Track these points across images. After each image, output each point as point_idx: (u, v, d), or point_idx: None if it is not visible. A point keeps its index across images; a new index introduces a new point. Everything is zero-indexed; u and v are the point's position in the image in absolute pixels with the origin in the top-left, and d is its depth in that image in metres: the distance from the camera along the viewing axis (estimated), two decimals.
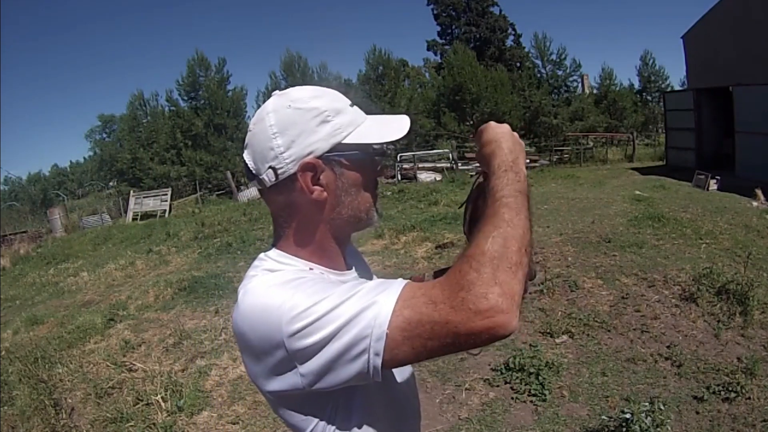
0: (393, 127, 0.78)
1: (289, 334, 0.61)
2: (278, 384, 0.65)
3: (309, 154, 0.72)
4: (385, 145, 0.78)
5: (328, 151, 0.73)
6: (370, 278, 0.92)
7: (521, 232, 0.62)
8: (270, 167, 0.72)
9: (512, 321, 0.56)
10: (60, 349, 4.48)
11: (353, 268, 0.84)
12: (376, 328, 0.58)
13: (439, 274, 0.94)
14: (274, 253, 0.77)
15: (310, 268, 0.75)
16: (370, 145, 0.76)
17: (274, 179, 0.73)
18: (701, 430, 2.73)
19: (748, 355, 3.31)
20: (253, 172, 0.75)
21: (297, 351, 0.61)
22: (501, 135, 0.76)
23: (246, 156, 0.76)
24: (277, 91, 0.77)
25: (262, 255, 0.78)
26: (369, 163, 0.78)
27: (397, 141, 0.81)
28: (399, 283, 0.63)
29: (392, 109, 21.63)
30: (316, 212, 0.75)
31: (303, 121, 0.72)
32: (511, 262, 0.58)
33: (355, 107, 0.79)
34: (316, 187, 0.73)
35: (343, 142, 0.73)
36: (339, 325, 0.59)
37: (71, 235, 15.05)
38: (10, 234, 16.46)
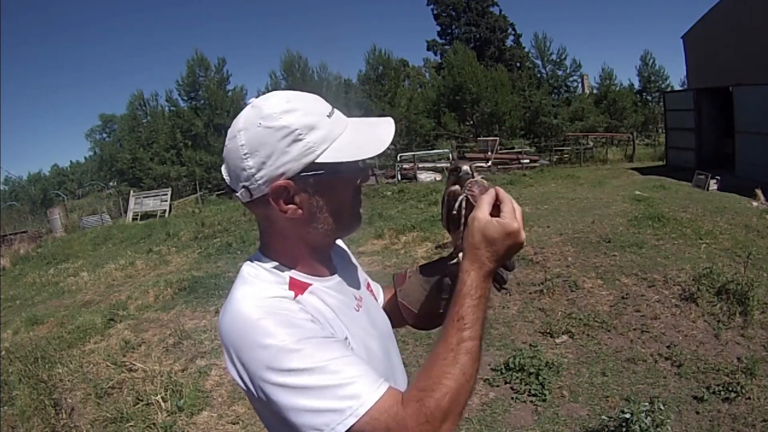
0: (372, 139, 0.74)
1: (268, 381, 0.63)
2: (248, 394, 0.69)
3: (281, 176, 0.70)
4: (361, 162, 0.75)
5: (300, 172, 0.71)
6: (358, 276, 0.93)
7: (473, 382, 0.67)
8: (243, 187, 0.72)
9: None
10: (60, 349, 4.48)
11: (337, 272, 0.84)
12: (334, 430, 0.61)
13: (424, 268, 0.95)
14: (259, 258, 0.78)
15: (291, 278, 0.75)
16: (346, 162, 0.72)
17: (248, 198, 0.73)
18: (701, 430, 2.73)
19: (748, 355, 3.31)
20: (230, 186, 0.75)
21: (267, 394, 0.64)
22: (491, 239, 0.71)
23: (223, 170, 0.76)
24: (252, 100, 0.74)
25: (248, 261, 0.79)
26: (345, 179, 0.76)
27: (376, 157, 0.80)
28: (376, 390, 0.63)
29: (392, 109, 21.61)
30: (292, 227, 0.75)
31: (273, 141, 0.69)
32: (458, 412, 0.64)
33: (335, 116, 0.75)
34: (290, 206, 0.73)
35: (317, 161, 0.71)
36: (308, 407, 0.62)
37: (71, 235, 15.06)
38: (10, 234, 16.46)
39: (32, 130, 75.93)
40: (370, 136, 0.75)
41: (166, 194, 17.54)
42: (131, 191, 18.66)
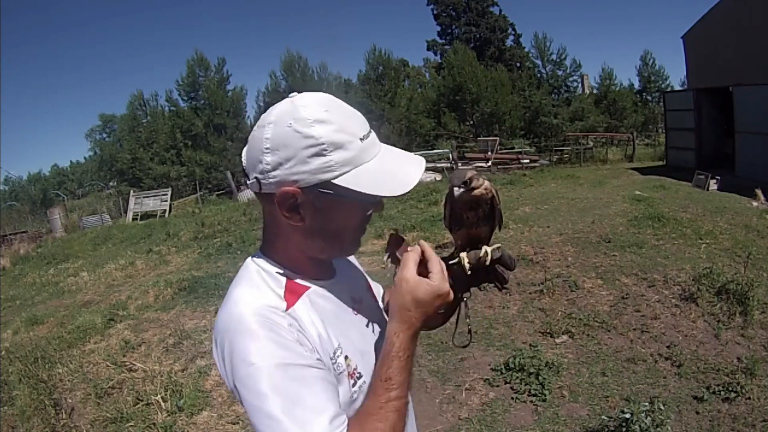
0: (397, 177, 0.72)
1: (241, 393, 0.66)
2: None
3: (293, 183, 0.69)
4: (378, 198, 0.73)
5: (313, 185, 0.69)
6: (357, 278, 0.93)
7: None
8: (256, 178, 0.72)
9: None
10: (60, 349, 4.48)
11: (336, 275, 0.83)
12: None
13: (447, 259, 0.94)
14: (260, 257, 0.78)
15: (289, 280, 0.75)
16: (360, 193, 0.69)
17: (258, 189, 0.73)
18: (701, 430, 2.73)
19: (748, 355, 3.31)
20: (245, 171, 0.75)
21: (241, 401, 0.67)
22: (421, 301, 0.73)
23: (243, 153, 0.75)
24: (294, 95, 0.72)
25: (249, 260, 0.79)
26: (355, 206, 0.74)
27: (398, 197, 0.80)
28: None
29: (392, 109, 21.61)
30: (292, 232, 0.75)
31: (297, 147, 0.68)
32: None
33: (368, 140, 0.72)
34: (293, 214, 0.72)
35: (333, 181, 0.69)
36: (260, 430, 0.65)
37: (71, 235, 15.05)
38: (10, 234, 16.44)
39: (32, 130, 75.84)
40: (395, 174, 0.73)
41: (166, 194, 17.53)
42: (131, 191, 18.64)
